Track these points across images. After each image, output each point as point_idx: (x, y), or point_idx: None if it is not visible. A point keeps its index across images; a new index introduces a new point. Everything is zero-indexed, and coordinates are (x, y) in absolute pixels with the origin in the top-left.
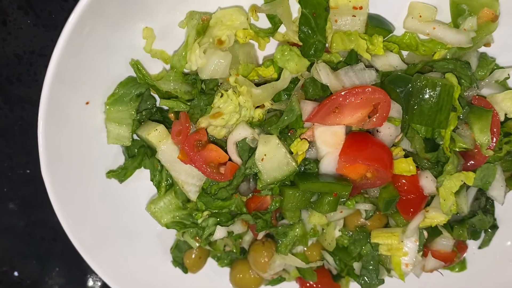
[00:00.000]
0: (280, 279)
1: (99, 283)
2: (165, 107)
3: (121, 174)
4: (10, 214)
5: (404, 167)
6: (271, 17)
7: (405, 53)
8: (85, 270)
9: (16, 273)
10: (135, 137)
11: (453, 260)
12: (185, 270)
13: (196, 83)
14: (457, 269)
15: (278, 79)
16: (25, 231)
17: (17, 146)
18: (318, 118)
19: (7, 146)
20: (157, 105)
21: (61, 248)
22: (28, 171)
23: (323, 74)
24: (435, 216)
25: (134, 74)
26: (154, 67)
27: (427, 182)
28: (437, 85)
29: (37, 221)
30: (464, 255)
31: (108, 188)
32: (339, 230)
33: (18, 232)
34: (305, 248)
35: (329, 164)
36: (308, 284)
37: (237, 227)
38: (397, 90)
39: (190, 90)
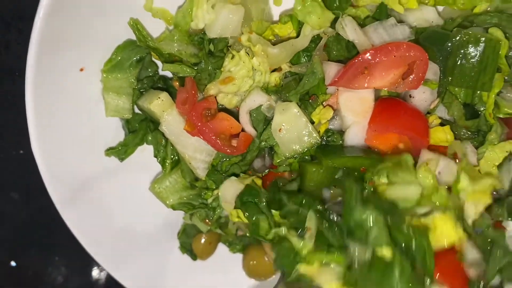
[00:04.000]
0: None
1: (104, 274)
2: (169, 75)
3: (121, 151)
4: (5, 200)
5: (441, 136)
6: None
7: (440, 8)
8: (89, 261)
9: (14, 263)
10: (136, 110)
11: None
12: (194, 256)
13: (203, 43)
14: None
15: (297, 37)
16: (23, 218)
17: (8, 124)
18: (344, 81)
19: None
20: (160, 72)
21: (64, 237)
22: (21, 151)
23: (350, 30)
24: None
25: (133, 37)
26: (156, 30)
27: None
28: (481, 40)
29: (36, 208)
30: None
31: (107, 167)
32: None
33: (16, 220)
34: None
35: (356, 134)
36: None
37: None
38: (434, 48)
39: (196, 52)
